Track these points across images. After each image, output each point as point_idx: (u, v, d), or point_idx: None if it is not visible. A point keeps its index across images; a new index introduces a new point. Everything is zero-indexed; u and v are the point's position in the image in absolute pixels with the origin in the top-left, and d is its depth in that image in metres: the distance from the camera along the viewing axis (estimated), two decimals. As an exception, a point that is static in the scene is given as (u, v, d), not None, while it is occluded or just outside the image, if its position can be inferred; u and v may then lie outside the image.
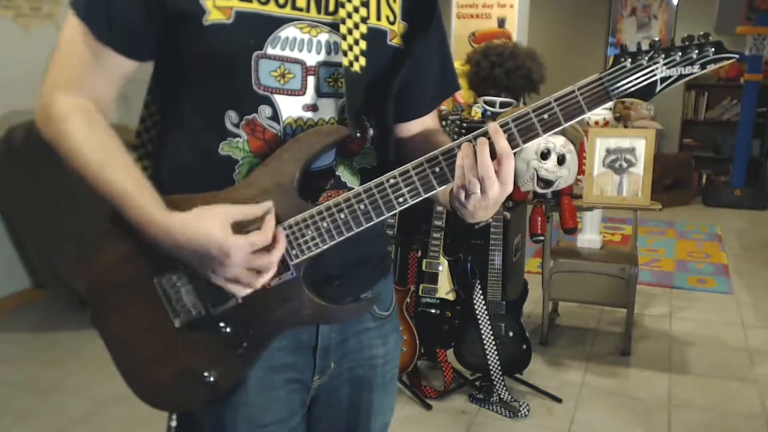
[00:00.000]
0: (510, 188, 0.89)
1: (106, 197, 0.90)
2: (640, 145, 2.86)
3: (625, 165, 2.89)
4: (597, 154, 2.91)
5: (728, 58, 0.85)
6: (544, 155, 2.63)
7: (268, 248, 0.88)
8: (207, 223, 0.86)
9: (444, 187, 0.92)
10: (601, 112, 3.43)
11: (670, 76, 0.86)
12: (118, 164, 0.90)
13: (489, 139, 0.88)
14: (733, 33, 5.83)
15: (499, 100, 2.81)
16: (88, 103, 0.92)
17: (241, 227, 0.88)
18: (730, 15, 5.78)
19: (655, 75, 0.86)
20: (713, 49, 0.85)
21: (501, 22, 4.44)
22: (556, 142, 2.64)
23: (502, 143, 0.87)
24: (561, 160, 2.64)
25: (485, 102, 2.84)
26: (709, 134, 6.90)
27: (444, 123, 2.54)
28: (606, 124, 3.39)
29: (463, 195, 0.89)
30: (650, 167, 2.85)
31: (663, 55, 0.86)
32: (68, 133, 0.90)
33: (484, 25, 4.47)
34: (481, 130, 0.89)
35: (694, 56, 0.85)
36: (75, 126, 0.90)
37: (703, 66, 0.85)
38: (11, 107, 3.54)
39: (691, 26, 6.76)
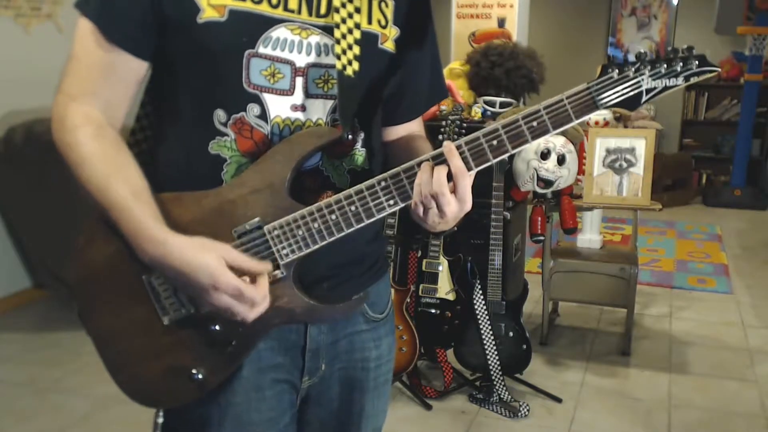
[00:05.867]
0: (468, 206, 0.91)
1: (105, 209, 0.90)
2: (640, 145, 2.87)
3: (625, 165, 2.89)
4: (597, 154, 2.91)
5: (711, 71, 0.88)
6: (544, 155, 2.63)
7: (250, 302, 0.89)
8: (205, 253, 0.87)
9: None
10: (601, 112, 3.43)
11: (654, 88, 0.89)
12: (120, 176, 0.90)
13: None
14: (733, 33, 5.83)
15: (499, 100, 2.81)
16: (99, 116, 0.93)
17: (235, 272, 0.89)
18: (730, 15, 5.78)
19: (640, 86, 0.89)
20: (697, 62, 0.88)
21: (501, 22, 4.45)
22: (556, 142, 2.64)
23: (455, 162, 0.89)
24: (561, 160, 2.64)
25: (485, 102, 2.84)
26: (709, 134, 6.91)
27: (444, 123, 2.54)
28: (606, 124, 3.40)
29: (420, 211, 0.91)
30: (650, 167, 2.85)
31: (649, 67, 0.88)
32: (76, 145, 0.91)
33: (484, 25, 4.48)
34: (437, 150, 0.91)
35: (679, 69, 0.88)
36: (83, 138, 0.91)
37: (686, 78, 0.88)
38: (11, 107, 3.54)
39: (691, 26, 6.77)
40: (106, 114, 0.94)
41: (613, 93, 0.89)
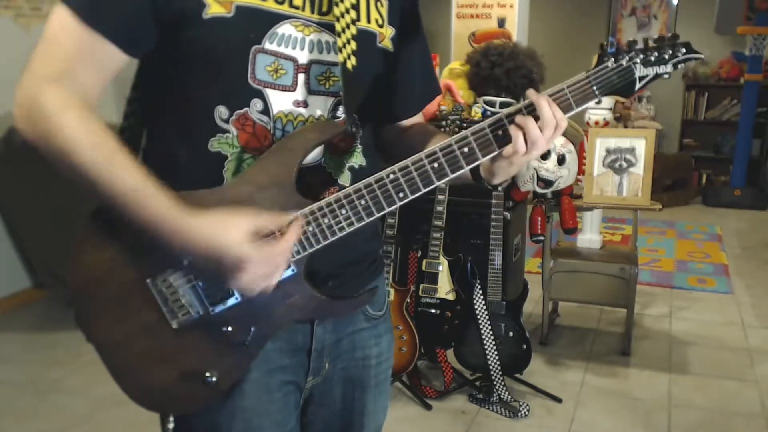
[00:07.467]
0: (561, 129, 0.95)
1: (109, 197, 0.84)
2: (640, 145, 2.86)
3: (625, 165, 2.89)
4: (597, 154, 2.91)
5: (696, 58, 0.95)
6: (544, 155, 2.63)
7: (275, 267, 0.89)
8: (229, 233, 0.85)
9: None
10: (601, 112, 3.43)
11: (646, 75, 0.95)
12: (123, 162, 0.85)
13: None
14: (733, 33, 5.83)
15: (499, 100, 2.81)
16: (80, 99, 0.86)
17: (261, 234, 0.87)
18: (730, 15, 5.78)
19: (634, 74, 0.95)
20: (684, 50, 0.94)
21: (501, 22, 4.45)
22: (556, 142, 2.64)
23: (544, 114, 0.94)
24: (561, 160, 2.64)
25: (485, 102, 2.84)
26: (709, 134, 6.90)
27: (444, 123, 2.54)
28: (606, 124, 3.40)
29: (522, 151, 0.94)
30: (650, 167, 2.85)
31: (641, 56, 0.94)
32: (64, 129, 0.84)
33: (484, 25, 4.48)
34: (519, 105, 0.96)
35: (667, 56, 0.94)
36: (72, 121, 0.84)
37: (675, 65, 0.95)
38: (11, 107, 3.53)
39: (691, 26, 6.76)
40: (83, 100, 0.87)
41: (610, 81, 0.95)
